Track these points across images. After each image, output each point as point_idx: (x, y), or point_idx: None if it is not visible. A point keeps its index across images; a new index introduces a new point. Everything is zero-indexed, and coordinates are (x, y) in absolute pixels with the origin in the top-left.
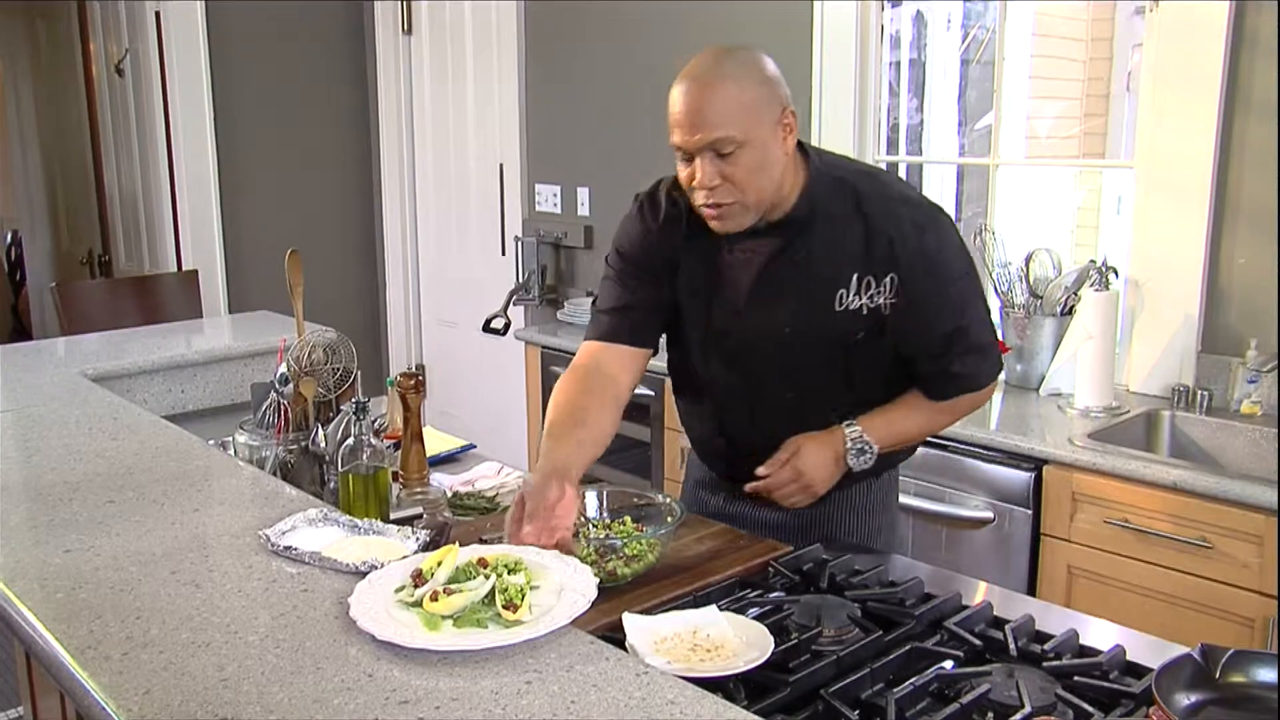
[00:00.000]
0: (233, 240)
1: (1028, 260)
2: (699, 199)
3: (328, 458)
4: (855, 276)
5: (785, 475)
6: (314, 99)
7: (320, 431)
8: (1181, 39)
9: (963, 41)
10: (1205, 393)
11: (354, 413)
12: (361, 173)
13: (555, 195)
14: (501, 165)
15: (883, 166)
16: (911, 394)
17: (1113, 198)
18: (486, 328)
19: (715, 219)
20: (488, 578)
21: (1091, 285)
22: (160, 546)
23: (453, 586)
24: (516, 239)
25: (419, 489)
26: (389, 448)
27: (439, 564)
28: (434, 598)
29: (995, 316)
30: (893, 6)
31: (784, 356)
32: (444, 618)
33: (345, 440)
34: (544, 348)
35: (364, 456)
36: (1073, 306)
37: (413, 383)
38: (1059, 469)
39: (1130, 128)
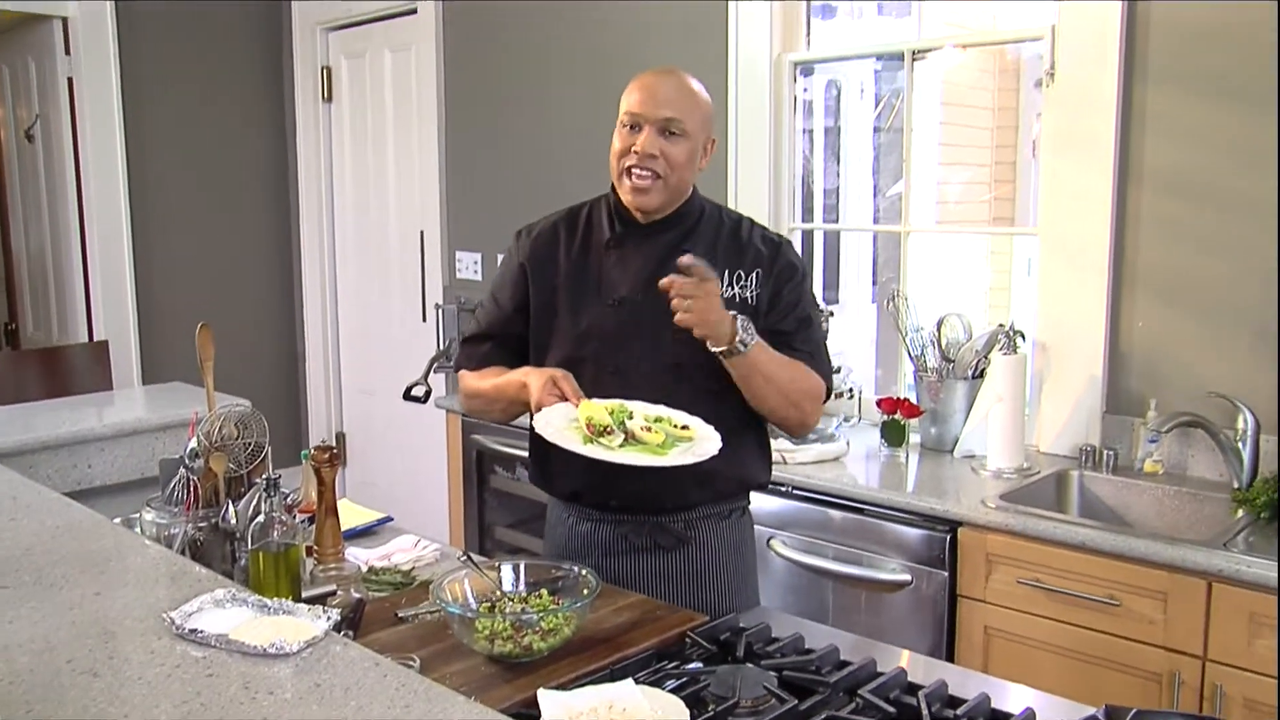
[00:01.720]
0: (147, 309)
1: (939, 325)
2: (631, 163)
3: (238, 534)
4: (727, 271)
5: (690, 285)
6: (232, 165)
7: (231, 508)
8: (1076, 112)
9: (875, 109)
10: (1111, 452)
11: (265, 489)
12: (281, 240)
13: (476, 262)
14: (422, 232)
15: (798, 234)
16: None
17: (1023, 262)
18: (407, 396)
19: (640, 189)
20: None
21: (1000, 349)
22: (57, 634)
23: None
24: (437, 306)
25: (333, 565)
26: (303, 522)
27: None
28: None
29: (909, 380)
30: (804, 76)
31: (675, 332)
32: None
33: (256, 517)
34: (465, 416)
35: (275, 533)
36: (984, 370)
37: (327, 456)
38: (973, 530)
39: (1037, 195)
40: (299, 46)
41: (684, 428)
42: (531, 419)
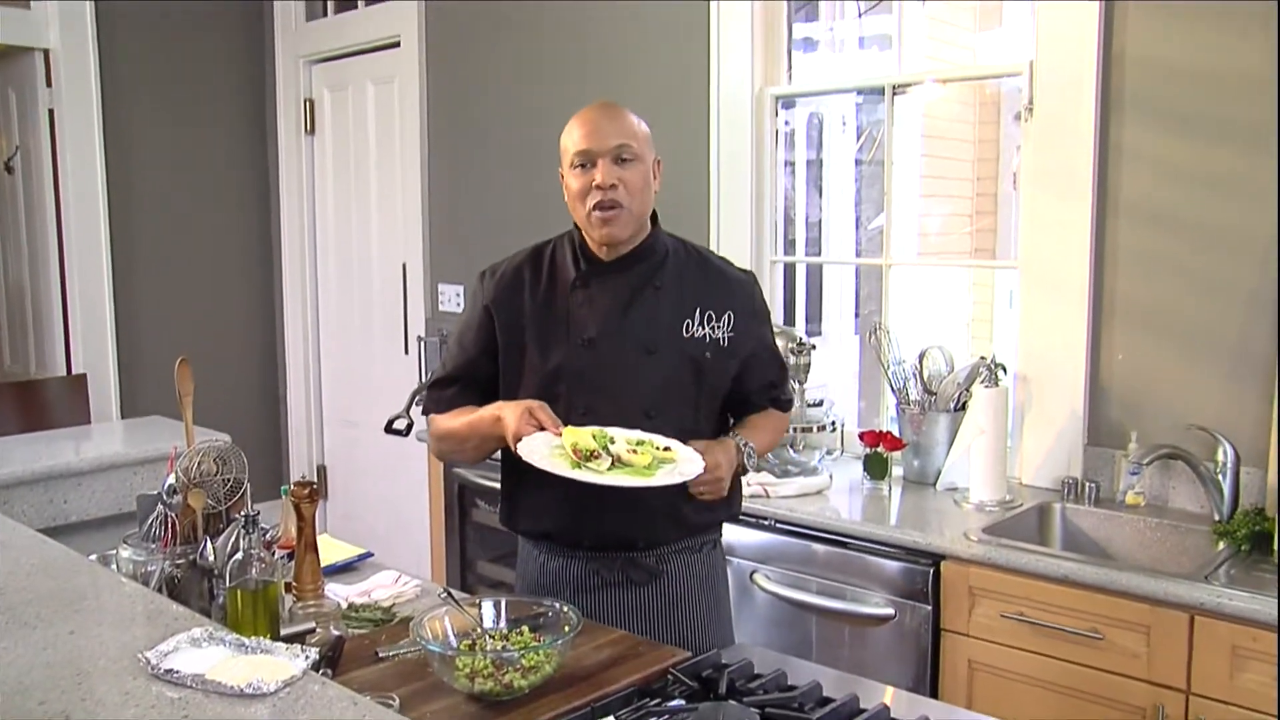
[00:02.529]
0: (126, 341)
1: (921, 358)
2: (594, 200)
3: (216, 572)
4: (698, 309)
5: (708, 483)
6: (214, 197)
7: (209, 545)
8: (1054, 146)
9: (857, 141)
10: (1093, 484)
11: (244, 525)
12: (263, 273)
13: (458, 295)
14: (404, 264)
15: (780, 267)
16: (751, 415)
17: (1005, 294)
18: (389, 429)
19: (608, 221)
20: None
21: (982, 381)
22: (30, 674)
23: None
24: (419, 338)
25: (313, 602)
26: (282, 558)
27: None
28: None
29: (891, 413)
30: (786, 109)
31: (646, 373)
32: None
33: (234, 554)
34: None
35: (253, 571)
36: (965, 402)
37: (307, 491)
38: (956, 564)
39: (1018, 227)
40: (282, 79)
41: (665, 449)
42: (505, 455)
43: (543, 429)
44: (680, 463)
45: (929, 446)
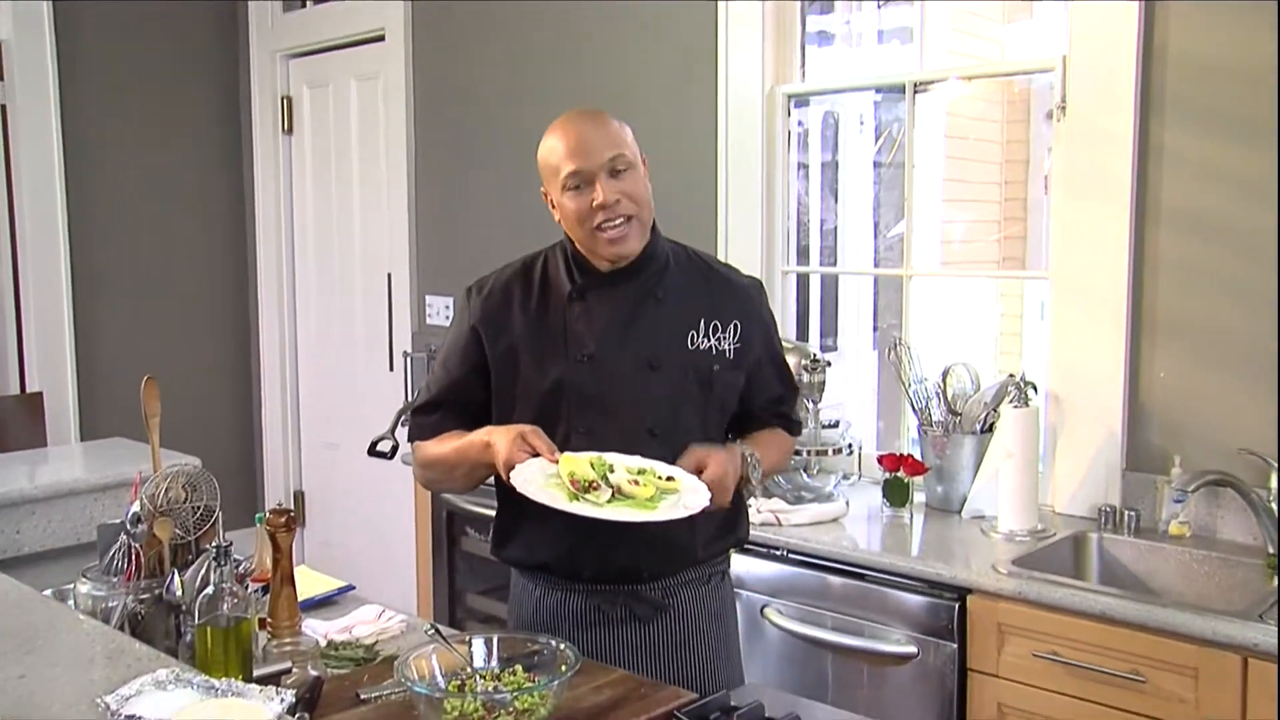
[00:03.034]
0: (87, 357)
1: (944, 376)
2: (600, 219)
3: (184, 607)
4: (702, 320)
5: (714, 469)
6: (183, 202)
7: (176, 578)
8: (1089, 148)
9: (875, 142)
10: (1132, 513)
11: (215, 557)
12: (236, 283)
13: (447, 307)
14: (389, 275)
15: (792, 278)
16: (759, 431)
17: (1035, 307)
18: (372, 451)
19: (617, 239)
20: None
21: (1010, 401)
22: None
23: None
24: (405, 354)
25: (289, 639)
26: (256, 592)
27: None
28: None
29: (913, 435)
30: (799, 107)
31: (650, 389)
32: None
33: (204, 588)
34: None
35: (224, 606)
36: (992, 424)
37: (283, 520)
38: (983, 598)
39: (1049, 235)
40: (257, 75)
41: (669, 479)
42: (497, 483)
43: (536, 455)
44: (684, 494)
45: (953, 471)
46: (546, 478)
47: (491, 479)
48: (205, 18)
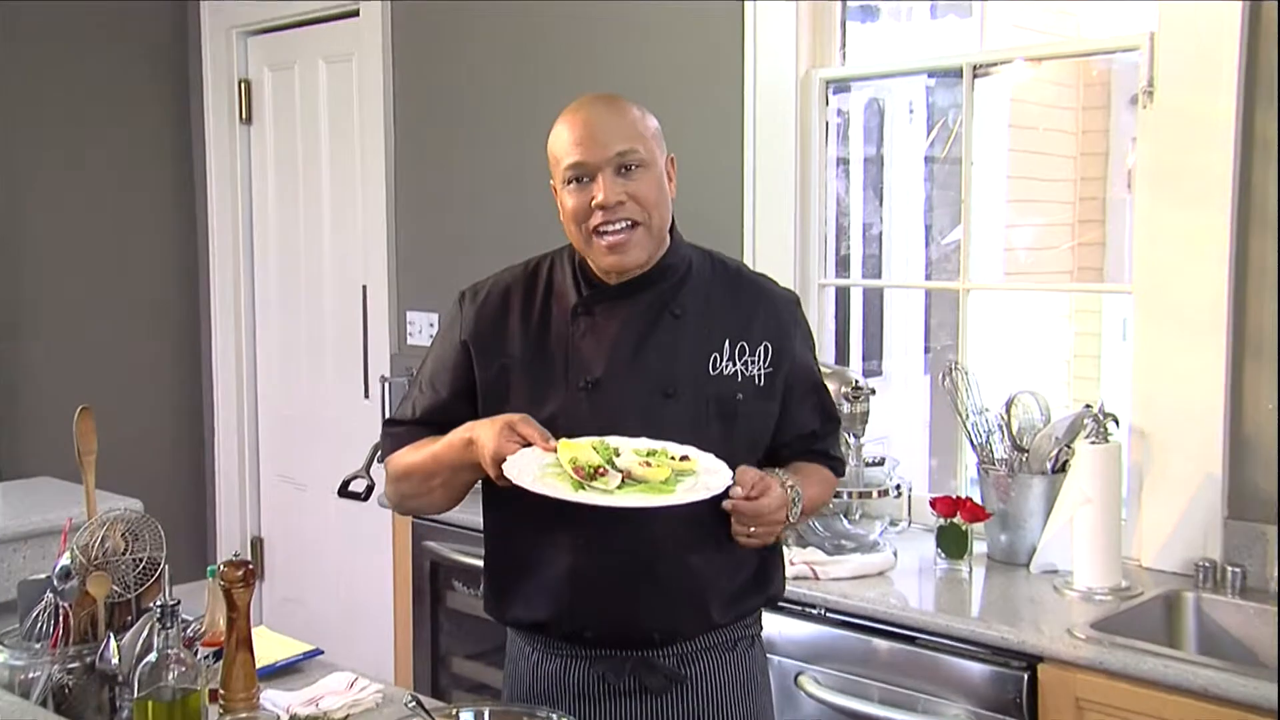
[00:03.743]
0: (8, 383)
1: (1008, 406)
2: (597, 221)
3: (121, 678)
4: (728, 340)
5: (762, 503)
6: (125, 202)
7: (112, 643)
8: (1181, 139)
9: (928, 134)
10: (1236, 570)
11: (159, 617)
12: (185, 298)
13: (431, 325)
14: (365, 287)
15: (830, 292)
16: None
17: (1116, 326)
18: (344, 492)
19: (616, 247)
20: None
21: (1087, 436)
22: None
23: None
24: (383, 379)
25: (244, 713)
26: (207, 658)
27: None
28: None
29: (971, 474)
30: (839, 94)
31: (665, 422)
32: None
33: (146, 654)
34: (417, 518)
35: (169, 676)
36: (1066, 462)
37: (240, 573)
38: (1057, 668)
39: (1132, 241)
40: (210, 55)
41: (683, 458)
42: (488, 520)
43: (529, 445)
44: (702, 474)
45: (1020, 518)
46: (543, 468)
47: (481, 519)
48: None
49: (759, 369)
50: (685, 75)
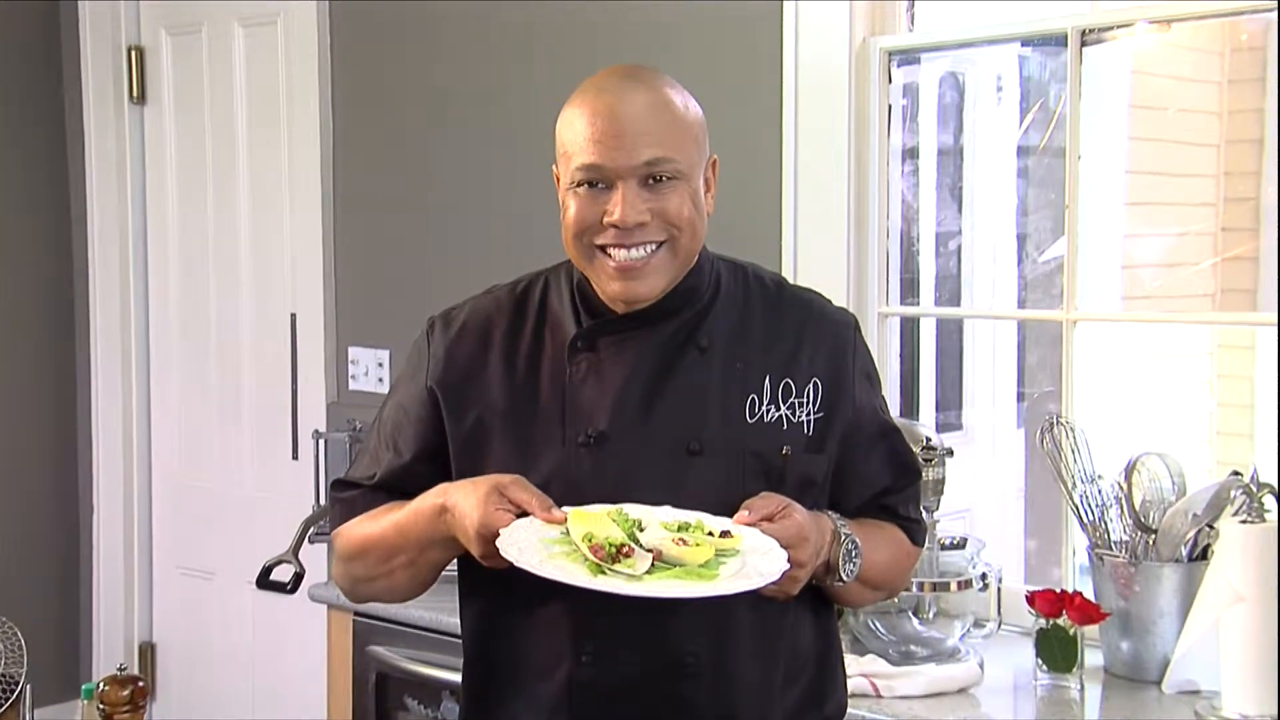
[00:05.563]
0: None
1: (1129, 472)
2: (608, 239)
3: None
4: (768, 379)
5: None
6: None
7: None
8: None
9: (1021, 121)
10: None
11: None
12: (56, 330)
13: (381, 365)
14: (294, 316)
15: (894, 322)
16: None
17: (1274, 367)
18: (265, 582)
19: (628, 271)
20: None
21: (1236, 513)
22: None
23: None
24: (317, 434)
25: None
26: None
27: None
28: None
29: (1081, 561)
30: (901, 67)
31: (688, 486)
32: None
33: None
34: (358, 615)
35: None
36: (1208, 547)
37: (127, 694)
38: None
39: None
40: (90, 16)
41: (723, 534)
42: (466, 617)
43: (525, 514)
44: (748, 555)
45: (1148, 619)
46: (547, 545)
47: (459, 616)
48: None
49: (809, 413)
50: (710, 53)
